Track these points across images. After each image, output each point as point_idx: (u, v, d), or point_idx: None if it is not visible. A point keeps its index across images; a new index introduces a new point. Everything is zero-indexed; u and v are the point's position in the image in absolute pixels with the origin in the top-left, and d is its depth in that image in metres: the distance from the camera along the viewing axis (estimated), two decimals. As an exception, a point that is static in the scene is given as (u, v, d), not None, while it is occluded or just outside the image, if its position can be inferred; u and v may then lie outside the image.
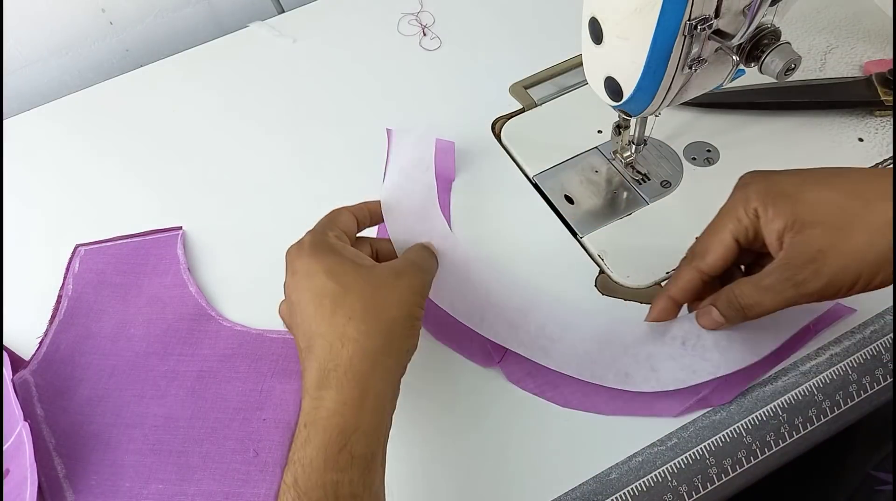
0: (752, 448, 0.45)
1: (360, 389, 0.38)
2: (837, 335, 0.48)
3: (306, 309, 0.41)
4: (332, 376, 0.38)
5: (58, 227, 0.58)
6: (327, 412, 0.37)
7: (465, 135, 0.61)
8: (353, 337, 0.39)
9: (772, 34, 0.41)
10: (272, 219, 0.57)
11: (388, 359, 0.40)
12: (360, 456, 0.37)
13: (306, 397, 0.38)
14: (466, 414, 0.47)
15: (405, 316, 0.41)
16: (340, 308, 0.39)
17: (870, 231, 0.37)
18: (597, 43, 0.44)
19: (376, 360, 0.39)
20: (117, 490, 0.45)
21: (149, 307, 0.52)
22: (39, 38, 0.69)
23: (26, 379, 0.49)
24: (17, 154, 0.63)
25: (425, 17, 0.69)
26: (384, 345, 0.39)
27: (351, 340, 0.39)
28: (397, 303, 0.41)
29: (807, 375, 0.47)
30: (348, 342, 0.39)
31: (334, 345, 0.39)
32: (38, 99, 0.69)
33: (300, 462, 0.36)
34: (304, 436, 0.37)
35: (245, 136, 0.63)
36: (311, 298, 0.41)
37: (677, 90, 0.45)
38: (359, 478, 0.36)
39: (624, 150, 0.55)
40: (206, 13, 0.75)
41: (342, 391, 0.38)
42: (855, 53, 0.62)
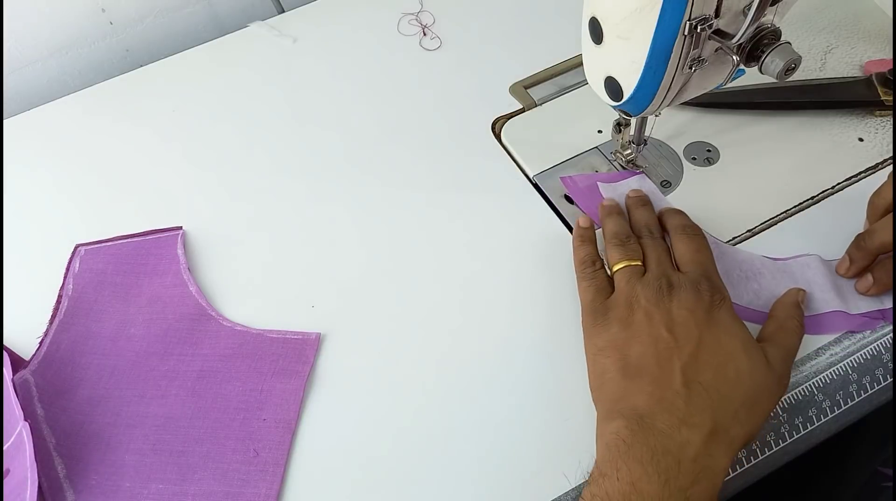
0: (752, 447, 0.45)
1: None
2: (837, 335, 0.48)
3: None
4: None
5: (58, 227, 0.58)
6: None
7: (465, 135, 0.61)
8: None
9: (772, 34, 0.41)
10: (272, 219, 0.57)
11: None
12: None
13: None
14: (460, 413, 0.47)
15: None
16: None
17: None
18: (597, 43, 0.44)
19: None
20: (118, 490, 0.45)
21: (149, 307, 0.52)
22: (39, 38, 0.69)
23: (26, 379, 0.49)
24: (18, 154, 0.63)
25: (425, 17, 0.69)
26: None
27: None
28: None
29: (807, 375, 0.47)
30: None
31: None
32: (38, 99, 0.69)
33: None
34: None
35: (245, 136, 0.62)
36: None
37: (677, 90, 0.45)
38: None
39: (624, 149, 0.55)
40: (206, 13, 0.75)
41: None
42: (855, 53, 0.62)
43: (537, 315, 0.50)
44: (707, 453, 0.37)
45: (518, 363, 0.48)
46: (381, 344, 0.50)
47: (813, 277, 0.49)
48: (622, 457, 0.37)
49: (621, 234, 0.49)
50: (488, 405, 0.47)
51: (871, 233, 0.48)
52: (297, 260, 0.55)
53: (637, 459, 0.37)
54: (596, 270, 0.48)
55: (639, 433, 0.38)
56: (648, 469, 0.36)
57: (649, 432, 0.38)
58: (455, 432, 0.46)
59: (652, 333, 0.42)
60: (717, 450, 0.38)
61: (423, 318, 0.51)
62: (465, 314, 0.51)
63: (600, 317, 0.45)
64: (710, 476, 0.37)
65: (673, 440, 0.37)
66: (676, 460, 0.36)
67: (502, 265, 0.53)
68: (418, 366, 0.49)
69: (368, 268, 0.54)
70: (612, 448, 0.38)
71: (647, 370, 0.41)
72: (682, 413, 0.38)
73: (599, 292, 0.46)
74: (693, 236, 0.48)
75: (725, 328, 0.42)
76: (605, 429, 0.40)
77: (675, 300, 0.43)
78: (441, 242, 0.55)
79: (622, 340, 0.43)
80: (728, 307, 0.43)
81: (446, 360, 0.49)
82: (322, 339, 0.50)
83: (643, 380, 0.40)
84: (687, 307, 0.42)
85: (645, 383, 0.40)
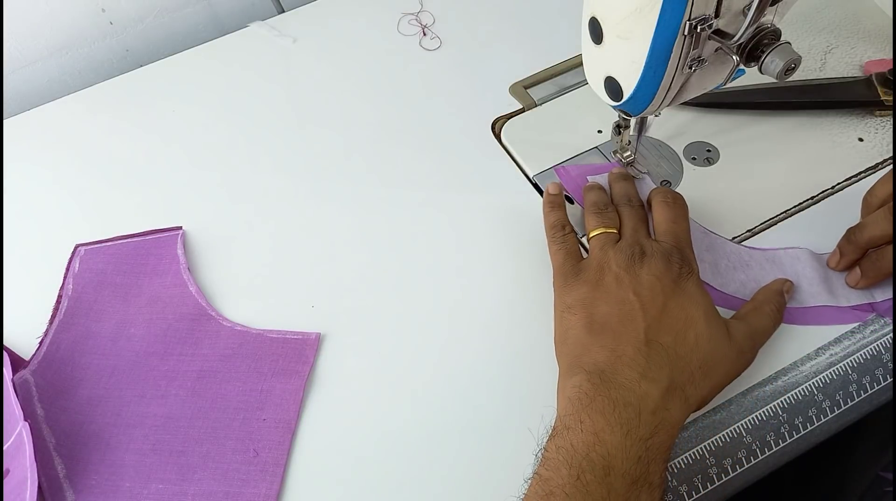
0: (752, 447, 0.45)
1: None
2: (837, 335, 0.48)
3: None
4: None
5: (58, 227, 0.58)
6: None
7: (465, 135, 0.61)
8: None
9: (772, 34, 0.41)
10: (272, 219, 0.57)
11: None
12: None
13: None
14: (456, 414, 0.47)
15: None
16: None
17: None
18: (597, 43, 0.44)
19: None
20: (117, 490, 0.45)
21: (149, 307, 0.52)
22: (39, 38, 0.69)
23: (26, 379, 0.49)
24: (18, 154, 0.63)
25: (425, 17, 0.69)
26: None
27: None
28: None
29: (807, 375, 0.47)
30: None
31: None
32: (38, 99, 0.69)
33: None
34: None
35: (245, 136, 0.63)
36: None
37: (677, 90, 0.45)
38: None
39: (624, 149, 0.55)
40: (206, 13, 0.75)
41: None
42: (855, 53, 0.62)
43: (538, 315, 0.50)
44: (664, 407, 0.39)
45: (518, 361, 0.48)
46: (380, 344, 0.50)
47: (802, 270, 0.50)
48: (585, 410, 0.38)
49: (599, 203, 0.50)
50: (489, 402, 0.47)
51: (861, 227, 0.48)
52: (297, 260, 0.55)
53: (599, 410, 0.38)
54: (566, 233, 0.49)
55: (600, 387, 0.39)
56: (610, 420, 0.37)
57: (610, 385, 0.39)
58: (455, 431, 0.46)
59: (619, 295, 0.43)
60: (673, 405, 0.39)
61: (423, 318, 0.51)
62: (465, 314, 0.51)
63: (571, 278, 0.46)
64: (667, 427, 0.39)
65: (633, 392, 0.39)
66: (637, 411, 0.38)
67: (502, 265, 0.53)
68: (418, 366, 0.49)
69: (368, 268, 0.54)
70: (575, 402, 0.39)
71: (610, 328, 0.42)
72: (641, 368, 0.40)
73: (570, 255, 0.48)
74: (672, 204, 0.49)
75: (690, 297, 0.43)
76: (566, 383, 0.41)
77: (645, 267, 0.44)
78: (441, 242, 0.55)
79: (590, 299, 0.44)
80: (695, 280, 0.44)
81: (446, 360, 0.49)
82: (322, 339, 0.50)
83: (606, 336, 0.42)
84: (655, 274, 0.43)
85: (608, 339, 0.42)
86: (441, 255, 0.54)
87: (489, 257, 0.53)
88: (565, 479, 0.36)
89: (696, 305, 0.43)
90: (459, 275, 0.53)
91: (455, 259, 0.54)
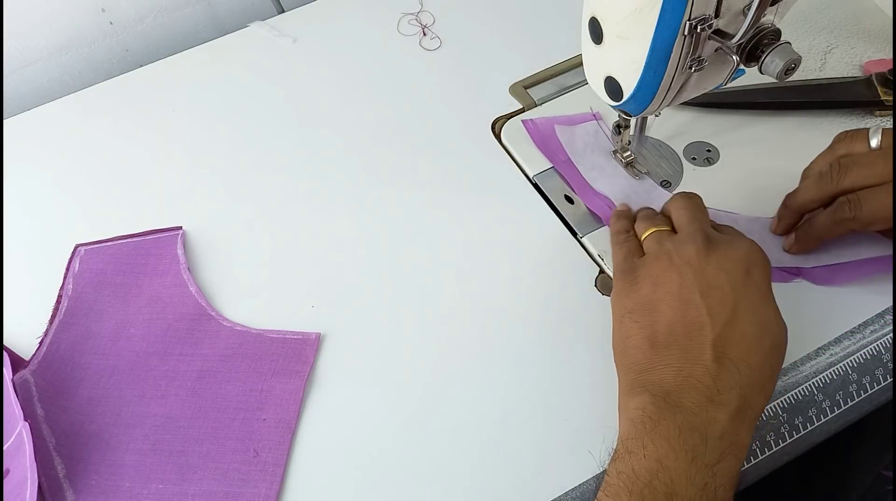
0: (752, 447, 0.45)
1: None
2: (837, 335, 0.48)
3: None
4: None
5: (58, 227, 0.58)
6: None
7: (465, 135, 0.61)
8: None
9: (772, 34, 0.41)
10: (272, 219, 0.57)
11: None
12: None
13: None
14: (453, 417, 0.47)
15: None
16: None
17: None
18: (597, 43, 0.44)
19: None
20: (117, 490, 0.45)
21: (149, 307, 0.52)
22: (39, 38, 0.69)
23: (26, 379, 0.49)
24: (17, 154, 0.63)
25: (425, 17, 0.69)
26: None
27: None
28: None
29: (807, 375, 0.47)
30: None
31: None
32: (38, 99, 0.69)
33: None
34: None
35: (245, 136, 0.62)
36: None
37: (677, 90, 0.45)
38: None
39: (624, 150, 0.55)
40: (206, 13, 0.75)
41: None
42: (855, 53, 0.62)
43: (537, 314, 0.50)
44: (733, 431, 0.37)
45: (519, 362, 0.48)
46: (380, 344, 0.50)
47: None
48: (648, 434, 0.36)
49: (649, 212, 0.48)
50: (489, 402, 0.47)
51: (794, 193, 0.50)
52: (297, 260, 0.55)
53: (663, 436, 0.36)
54: (629, 236, 0.47)
55: (665, 410, 0.37)
56: (675, 446, 0.35)
57: (676, 409, 0.37)
58: (456, 430, 0.46)
59: (683, 296, 0.40)
60: (742, 428, 0.37)
61: (423, 318, 0.51)
62: (465, 314, 0.51)
63: (629, 275, 0.43)
64: (735, 451, 0.37)
65: (699, 417, 0.36)
66: (703, 437, 0.36)
67: (502, 265, 0.53)
68: (418, 366, 0.49)
69: (368, 268, 0.54)
70: (638, 425, 0.37)
71: (675, 342, 0.39)
72: (709, 391, 0.37)
73: (630, 253, 0.45)
74: (693, 198, 0.47)
75: (762, 295, 0.40)
76: (629, 403, 0.39)
77: (711, 258, 0.40)
78: (441, 242, 0.55)
79: (651, 302, 0.41)
80: (766, 272, 0.41)
81: (446, 359, 0.49)
82: (322, 339, 0.50)
83: (671, 353, 0.39)
84: (724, 268, 0.40)
85: (673, 356, 0.39)
86: (441, 255, 0.54)
87: (489, 257, 0.53)
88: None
89: (768, 304, 0.40)
90: (459, 275, 0.53)
91: (455, 259, 0.54)
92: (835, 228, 0.46)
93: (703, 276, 0.40)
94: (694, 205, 0.46)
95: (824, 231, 0.47)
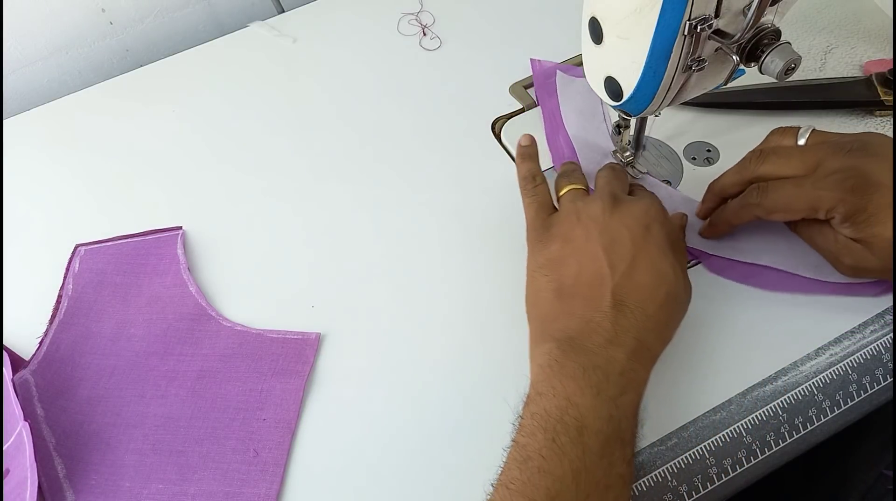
0: (752, 447, 0.45)
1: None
2: (837, 335, 0.48)
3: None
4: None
5: (58, 227, 0.58)
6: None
7: (465, 135, 0.61)
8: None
9: (772, 34, 0.41)
10: (272, 219, 0.57)
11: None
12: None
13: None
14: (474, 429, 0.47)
15: None
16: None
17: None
18: (597, 43, 0.44)
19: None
20: (117, 490, 0.45)
21: (149, 307, 0.52)
22: (39, 38, 0.69)
23: (26, 379, 0.49)
24: (18, 154, 0.63)
25: (425, 17, 0.69)
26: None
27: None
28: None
29: (807, 375, 0.47)
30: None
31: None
32: (38, 99, 0.69)
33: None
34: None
35: (245, 136, 0.63)
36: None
37: (677, 90, 0.45)
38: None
39: (624, 150, 0.55)
40: (206, 13, 0.75)
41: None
42: (855, 53, 0.62)
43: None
44: (631, 368, 0.40)
45: (522, 362, 0.48)
46: (380, 344, 0.50)
47: (675, 208, 0.52)
48: (556, 376, 0.39)
49: (569, 167, 0.51)
50: (490, 402, 0.47)
51: (718, 177, 0.50)
52: (297, 260, 0.55)
53: (570, 376, 0.39)
54: (537, 184, 0.49)
55: (570, 353, 0.40)
56: (581, 383, 0.39)
57: (580, 351, 0.40)
58: (455, 430, 0.46)
59: (588, 250, 0.43)
60: (639, 365, 0.40)
61: (423, 318, 0.51)
62: (465, 314, 0.51)
63: (542, 233, 0.46)
64: (635, 386, 0.40)
65: (600, 357, 0.40)
66: (605, 374, 0.39)
67: (502, 265, 0.53)
68: (418, 366, 0.49)
69: (368, 268, 0.54)
70: (546, 369, 0.40)
71: (579, 292, 0.43)
72: (608, 334, 0.40)
73: (542, 207, 0.48)
74: (620, 169, 0.50)
75: (661, 250, 0.43)
76: (538, 351, 0.42)
77: (615, 216, 0.44)
78: (441, 241, 0.55)
79: (560, 257, 0.44)
80: (667, 230, 0.44)
81: (446, 359, 0.49)
82: (322, 339, 0.50)
83: (575, 302, 0.42)
84: (625, 224, 0.43)
85: (577, 305, 0.42)
86: (441, 255, 0.54)
87: (489, 257, 0.53)
88: (541, 443, 0.37)
89: (665, 257, 0.43)
90: (459, 274, 0.53)
91: (455, 259, 0.54)
92: (741, 211, 0.48)
93: (607, 232, 0.43)
94: (613, 172, 0.49)
95: (732, 215, 0.49)
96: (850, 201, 0.43)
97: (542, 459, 0.37)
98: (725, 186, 0.49)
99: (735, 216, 0.48)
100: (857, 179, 0.43)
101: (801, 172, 0.45)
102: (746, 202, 0.47)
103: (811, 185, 0.44)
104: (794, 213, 0.46)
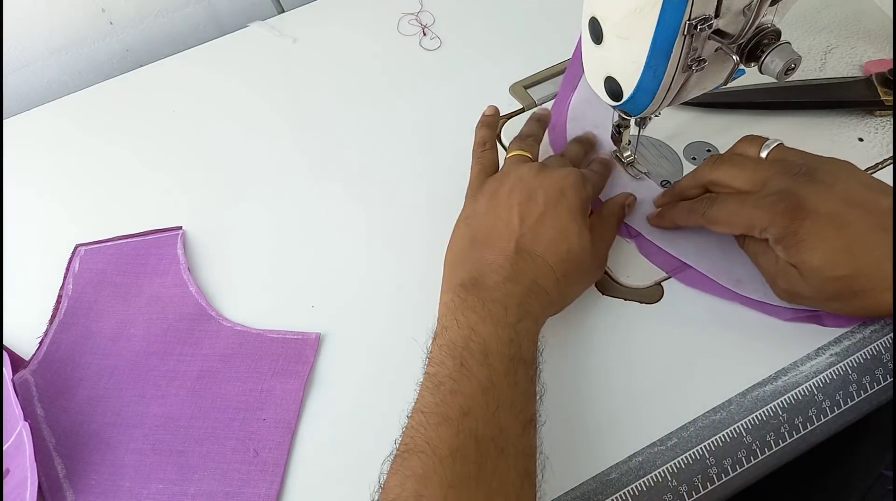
0: (752, 447, 0.45)
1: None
2: (837, 335, 0.48)
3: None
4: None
5: (58, 227, 0.58)
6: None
7: (465, 135, 0.60)
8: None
9: (772, 34, 0.41)
10: (272, 219, 0.57)
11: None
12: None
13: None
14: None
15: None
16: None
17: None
18: (597, 43, 0.44)
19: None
20: (117, 490, 0.45)
21: (149, 307, 0.52)
22: (39, 38, 0.69)
23: (26, 379, 0.49)
24: (17, 154, 0.63)
25: (425, 17, 0.69)
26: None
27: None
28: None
29: (807, 375, 0.47)
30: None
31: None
32: (38, 99, 0.69)
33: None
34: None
35: (245, 136, 0.63)
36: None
37: (677, 90, 0.45)
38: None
39: (624, 149, 0.55)
40: (206, 13, 0.75)
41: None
42: (855, 53, 0.62)
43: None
44: (527, 301, 0.43)
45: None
46: (380, 344, 0.50)
47: (647, 195, 0.54)
48: (459, 309, 0.42)
49: (525, 133, 0.55)
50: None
51: (681, 178, 0.52)
52: (297, 260, 0.55)
53: (471, 309, 0.42)
54: (485, 149, 0.53)
55: (471, 290, 0.43)
56: (482, 314, 0.42)
57: (480, 288, 0.43)
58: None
59: (506, 204, 0.47)
60: (534, 301, 0.44)
61: (423, 318, 0.51)
62: (465, 314, 0.51)
63: (476, 190, 0.50)
64: (532, 316, 0.43)
65: (499, 291, 0.43)
66: (504, 306, 0.42)
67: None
68: (418, 366, 0.49)
69: (368, 268, 0.54)
70: (451, 306, 0.43)
71: (489, 241, 0.46)
72: (507, 273, 0.44)
73: (484, 169, 0.52)
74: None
75: (570, 211, 0.46)
76: (445, 297, 0.46)
77: (537, 178, 0.48)
78: (441, 241, 0.54)
79: (483, 210, 0.48)
80: (581, 195, 0.47)
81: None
82: (322, 339, 0.50)
83: (484, 249, 0.46)
84: (543, 185, 0.47)
85: (484, 251, 0.46)
86: (441, 254, 0.54)
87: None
88: (450, 369, 0.40)
89: (574, 220, 0.46)
90: (459, 275, 0.53)
91: (455, 259, 0.54)
92: (688, 216, 0.49)
93: (526, 190, 0.47)
94: (577, 145, 0.55)
95: (679, 216, 0.50)
96: (779, 224, 0.43)
97: (453, 381, 0.39)
98: (684, 187, 0.51)
99: (681, 218, 0.50)
100: (790, 202, 0.43)
101: (748, 188, 0.46)
102: (693, 209, 0.48)
103: (751, 203, 0.45)
104: (732, 228, 0.46)
